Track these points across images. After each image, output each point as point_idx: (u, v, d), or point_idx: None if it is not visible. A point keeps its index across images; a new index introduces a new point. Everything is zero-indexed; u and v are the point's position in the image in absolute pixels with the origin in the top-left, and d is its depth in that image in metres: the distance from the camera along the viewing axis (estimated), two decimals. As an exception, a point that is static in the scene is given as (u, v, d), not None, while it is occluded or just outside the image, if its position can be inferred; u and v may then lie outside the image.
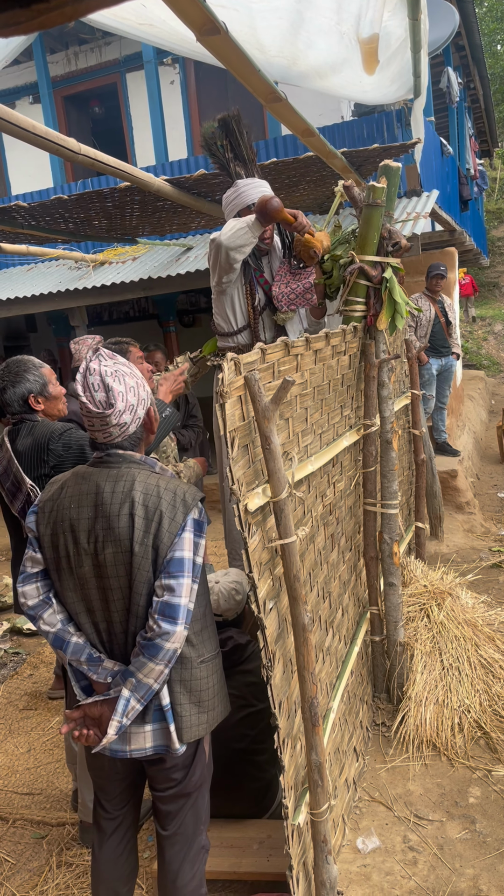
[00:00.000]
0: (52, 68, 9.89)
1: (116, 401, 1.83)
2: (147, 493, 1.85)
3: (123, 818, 2.19)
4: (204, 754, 2.09)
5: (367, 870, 2.56)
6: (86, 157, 3.28)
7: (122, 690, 1.85)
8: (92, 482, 1.89)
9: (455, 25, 6.92)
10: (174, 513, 1.85)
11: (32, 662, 4.68)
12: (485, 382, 13.13)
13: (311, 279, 3.41)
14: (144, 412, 1.94)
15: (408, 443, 5.00)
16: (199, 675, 1.97)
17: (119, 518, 1.83)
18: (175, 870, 2.09)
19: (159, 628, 1.80)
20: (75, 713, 1.92)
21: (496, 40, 24.03)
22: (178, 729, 1.92)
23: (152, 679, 1.84)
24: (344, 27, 4.03)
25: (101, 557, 1.85)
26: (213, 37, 2.18)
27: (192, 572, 1.86)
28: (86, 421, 1.90)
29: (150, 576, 1.84)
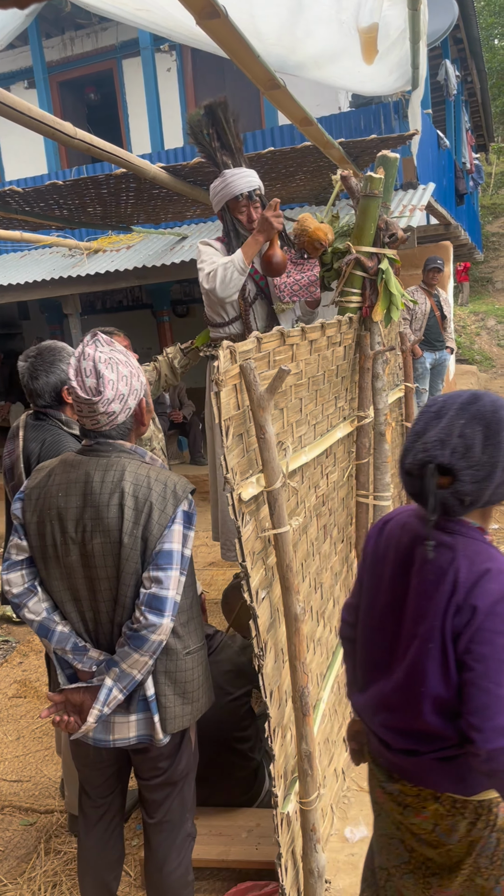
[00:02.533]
0: (47, 53, 9.80)
1: (106, 388, 1.81)
2: (137, 484, 1.84)
3: (109, 806, 2.19)
4: (190, 743, 2.09)
5: (354, 858, 2.57)
6: (81, 142, 3.25)
7: (105, 679, 1.85)
8: (81, 470, 1.87)
9: (454, 17, 6.91)
10: (164, 504, 1.84)
11: (22, 650, 4.67)
12: (477, 377, 13.16)
13: (316, 271, 3.36)
14: (136, 403, 1.92)
15: (401, 435, 5.00)
16: (184, 667, 1.97)
17: (108, 508, 1.82)
18: (161, 857, 2.09)
19: (146, 620, 1.79)
20: (57, 697, 1.91)
21: (494, 34, 23.99)
22: (163, 720, 1.92)
23: (136, 670, 1.84)
24: (343, 16, 4.00)
25: (90, 547, 1.84)
26: (212, 20, 2.16)
27: (180, 564, 1.85)
28: (75, 406, 1.88)
29: (139, 567, 1.83)
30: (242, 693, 2.82)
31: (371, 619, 1.68)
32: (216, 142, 3.23)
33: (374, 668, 1.67)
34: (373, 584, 1.69)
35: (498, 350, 16.51)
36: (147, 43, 8.54)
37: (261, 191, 3.30)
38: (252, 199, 3.27)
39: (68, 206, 5.41)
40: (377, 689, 1.64)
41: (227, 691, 2.79)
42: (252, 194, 3.25)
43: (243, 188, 3.23)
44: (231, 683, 2.80)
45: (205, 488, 7.19)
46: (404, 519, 1.66)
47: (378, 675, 1.64)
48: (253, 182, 3.25)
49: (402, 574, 1.59)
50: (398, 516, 1.70)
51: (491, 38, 23.65)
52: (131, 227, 7.09)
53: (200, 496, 7.09)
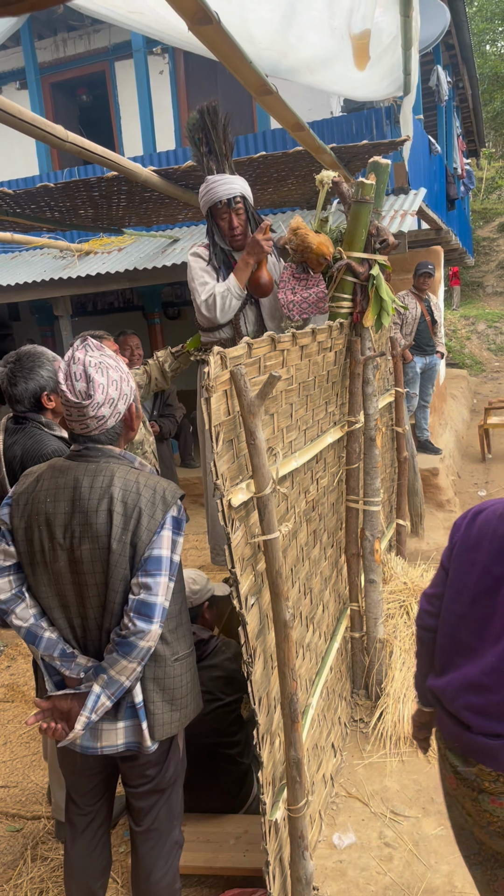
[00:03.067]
0: (39, 54, 9.77)
1: (96, 392, 1.80)
2: (126, 490, 1.83)
3: (96, 814, 2.17)
4: (178, 750, 2.08)
5: (342, 865, 2.57)
6: (73, 145, 3.24)
7: (92, 686, 1.83)
8: (70, 476, 1.86)
9: (446, 24, 6.93)
10: (153, 510, 1.83)
11: (10, 654, 4.65)
12: (467, 381, 13.21)
13: (322, 287, 3.30)
14: (126, 408, 1.91)
15: (391, 440, 5.02)
16: (172, 673, 1.96)
17: (97, 514, 1.81)
18: (149, 865, 2.08)
19: (134, 626, 1.78)
20: (44, 703, 1.90)
21: (485, 40, 24.13)
22: (151, 727, 1.91)
23: (124, 676, 1.83)
24: (336, 22, 4.01)
25: (78, 553, 1.83)
26: (204, 26, 2.16)
27: (169, 571, 1.84)
28: (64, 409, 1.87)
29: (127, 573, 1.83)
30: (233, 700, 2.81)
31: (458, 605, 1.72)
32: (204, 146, 3.22)
33: (459, 653, 1.72)
34: (462, 571, 1.73)
35: (488, 354, 16.58)
36: (139, 45, 8.53)
37: (243, 198, 3.26)
38: (231, 206, 3.25)
39: (59, 208, 5.39)
40: (462, 673, 1.69)
41: (218, 697, 2.78)
42: (231, 201, 3.23)
43: (222, 195, 3.21)
44: (222, 690, 2.80)
45: (195, 491, 7.18)
46: (502, 509, 1.71)
47: (463, 660, 1.70)
48: (233, 189, 3.21)
49: (499, 562, 1.64)
50: (494, 506, 1.74)
51: (483, 43, 23.79)
52: (123, 229, 7.07)
53: (190, 499, 7.08)
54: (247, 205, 3.28)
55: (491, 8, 23.74)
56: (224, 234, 3.31)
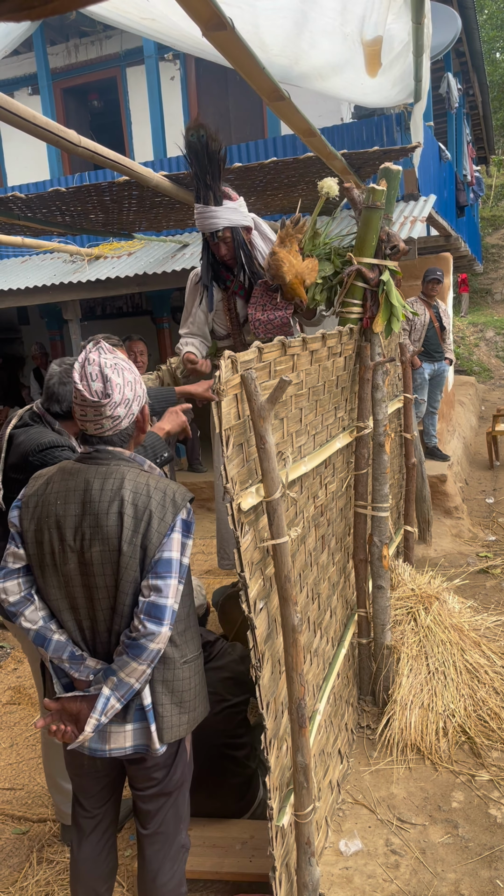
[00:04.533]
0: (51, 60, 9.84)
1: (113, 392, 1.81)
2: (137, 492, 1.83)
3: (103, 817, 2.17)
4: (185, 753, 2.08)
5: (349, 872, 2.56)
6: (85, 150, 3.26)
7: (102, 688, 1.83)
8: (80, 478, 1.87)
9: (457, 31, 6.95)
10: (164, 513, 1.83)
11: (17, 656, 4.65)
12: (475, 388, 13.18)
13: (289, 312, 3.27)
14: (139, 409, 1.92)
15: (399, 446, 5.01)
16: (181, 676, 1.96)
17: (108, 516, 1.81)
18: (155, 869, 2.08)
19: (144, 628, 1.78)
20: (53, 704, 1.90)
21: (495, 48, 24.14)
22: (160, 729, 1.91)
23: (134, 679, 1.82)
24: (348, 28, 4.02)
25: (88, 555, 1.83)
26: (219, 32, 2.17)
27: (179, 573, 1.84)
28: (78, 411, 1.87)
29: (137, 575, 1.83)
30: (240, 701, 2.81)
31: None
32: (195, 166, 3.15)
33: None
34: None
35: (496, 361, 16.54)
36: (151, 51, 8.57)
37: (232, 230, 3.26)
38: (215, 240, 3.29)
39: (70, 213, 5.42)
40: None
41: (225, 698, 2.78)
42: (214, 235, 3.27)
43: (205, 229, 3.27)
44: (229, 691, 2.79)
45: (200, 496, 7.18)
46: None
47: None
48: (216, 224, 3.22)
49: None
50: None
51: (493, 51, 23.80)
52: (133, 234, 7.10)
53: (198, 503, 7.08)
54: (234, 234, 3.29)
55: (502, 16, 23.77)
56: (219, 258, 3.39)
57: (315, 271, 3.27)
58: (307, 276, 3.22)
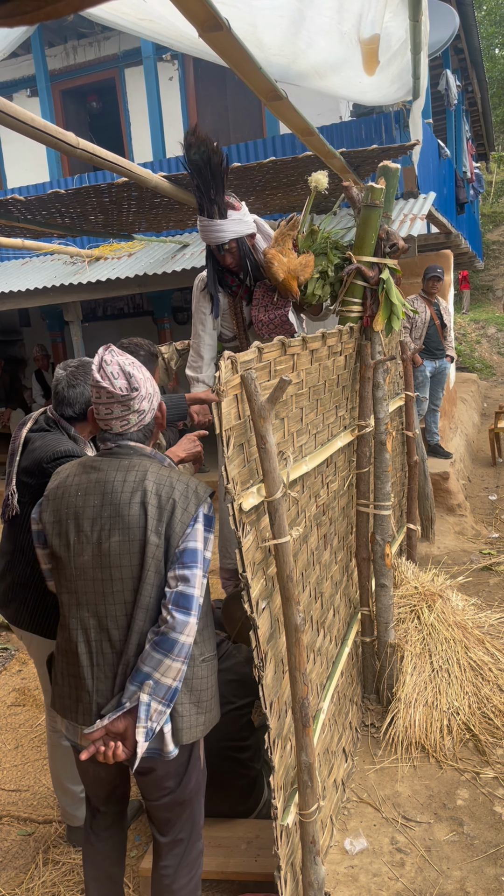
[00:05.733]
0: (50, 62, 9.85)
1: (140, 386, 1.86)
2: (160, 483, 1.84)
3: (111, 816, 2.19)
4: (199, 761, 2.04)
5: (354, 871, 2.56)
6: (84, 152, 3.26)
7: (139, 696, 1.77)
8: (101, 471, 1.88)
9: (455, 28, 6.93)
10: (187, 503, 1.84)
11: (21, 658, 4.66)
12: (477, 385, 13.16)
13: (287, 311, 3.31)
14: (157, 405, 1.98)
15: (401, 444, 5.01)
16: (200, 674, 1.93)
17: (130, 506, 1.82)
18: (172, 874, 2.07)
19: (173, 619, 1.76)
20: (96, 734, 1.81)
21: (494, 44, 24.10)
22: (177, 730, 1.86)
23: (171, 678, 1.78)
24: (345, 27, 4.02)
25: (106, 546, 1.83)
26: (215, 33, 2.17)
27: (203, 565, 1.84)
28: (103, 410, 1.88)
29: (163, 567, 1.82)
30: (245, 703, 2.80)
31: None
32: (197, 178, 3.16)
33: None
34: None
35: (498, 358, 16.52)
36: (149, 52, 8.57)
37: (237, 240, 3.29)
38: (221, 252, 3.32)
39: (70, 215, 5.43)
40: None
41: (230, 701, 2.78)
42: (220, 248, 3.30)
43: (211, 242, 3.30)
44: (234, 693, 2.79)
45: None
46: None
47: None
48: (222, 238, 3.25)
49: None
50: None
51: (492, 47, 23.76)
52: (133, 234, 7.11)
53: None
54: (240, 243, 3.31)
55: (500, 12, 23.73)
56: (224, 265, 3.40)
57: (309, 267, 3.28)
58: (301, 273, 3.24)
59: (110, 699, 1.85)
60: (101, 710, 1.85)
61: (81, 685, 1.89)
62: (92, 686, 1.87)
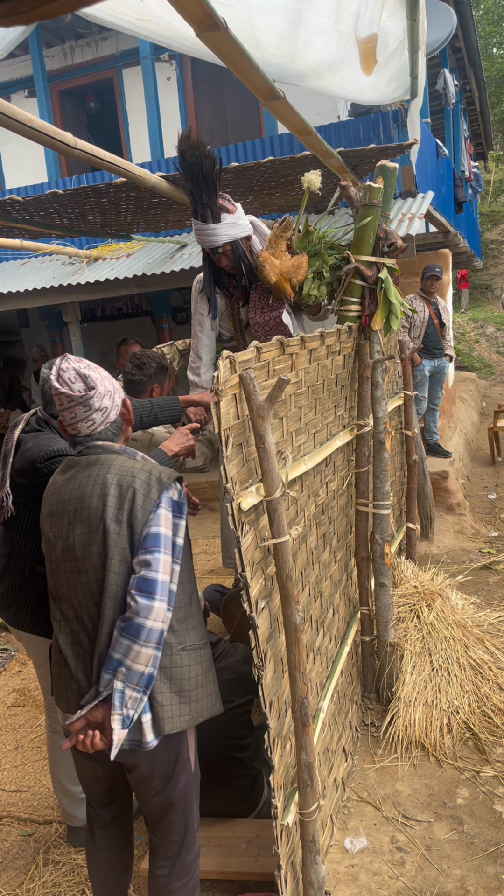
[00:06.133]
0: (47, 62, 9.84)
1: (96, 384, 1.91)
2: (122, 475, 1.89)
3: (112, 815, 2.19)
4: (188, 763, 2.02)
5: (354, 870, 2.56)
6: (82, 152, 3.26)
7: (114, 684, 1.79)
8: (73, 470, 1.96)
9: (453, 27, 6.94)
10: (148, 490, 1.86)
11: (21, 659, 4.66)
12: (476, 384, 13.16)
13: (282, 311, 3.34)
14: (121, 401, 2.01)
15: (400, 444, 5.01)
16: (179, 663, 1.93)
17: (90, 499, 1.87)
18: (166, 875, 2.07)
19: (136, 604, 1.77)
20: (77, 724, 1.84)
21: (492, 43, 24.09)
22: (157, 719, 1.85)
23: (142, 664, 1.78)
24: (342, 27, 4.02)
25: (71, 539, 1.89)
26: (212, 33, 2.17)
27: (170, 549, 1.84)
28: (66, 416, 1.94)
29: (128, 554, 1.85)
30: (244, 702, 2.81)
31: None
32: (190, 182, 3.16)
33: None
34: None
35: (497, 357, 16.52)
36: (147, 52, 8.57)
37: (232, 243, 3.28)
38: (216, 255, 3.32)
39: (68, 215, 5.43)
40: None
41: (229, 700, 2.78)
42: (214, 251, 3.30)
43: (206, 245, 3.30)
44: (232, 692, 2.79)
45: (205, 496, 7.18)
46: None
47: None
48: (216, 241, 3.25)
49: None
50: None
51: (489, 46, 23.75)
52: (131, 235, 7.11)
53: (204, 503, 7.07)
54: (234, 247, 3.31)
55: (498, 11, 23.73)
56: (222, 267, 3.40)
57: (302, 268, 3.29)
58: (293, 275, 3.26)
59: (89, 689, 1.88)
60: (81, 702, 1.88)
61: (68, 675, 1.93)
62: (74, 677, 1.91)
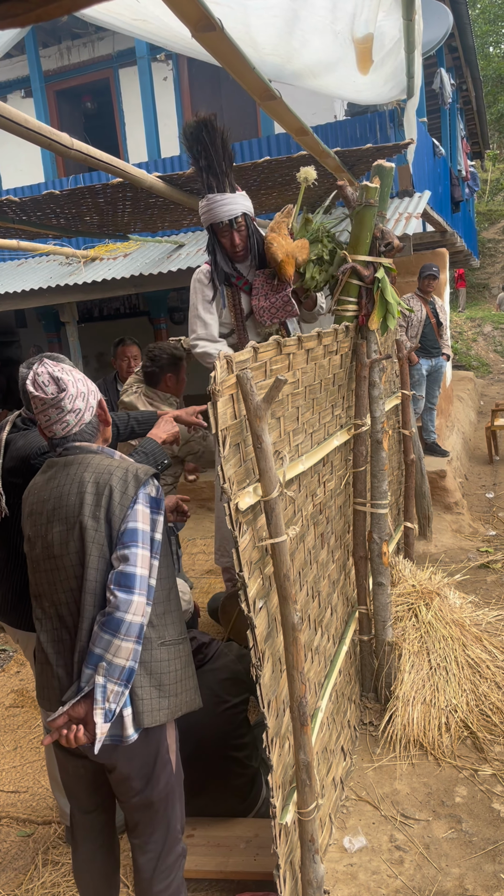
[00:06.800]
0: (44, 62, 9.83)
1: (68, 386, 1.93)
2: (99, 473, 1.91)
3: (95, 820, 2.16)
4: (168, 764, 2.02)
5: (353, 869, 2.56)
6: (78, 153, 3.25)
7: (95, 679, 1.80)
8: (53, 471, 1.98)
9: (449, 27, 6.94)
10: (125, 486, 1.88)
11: (19, 660, 4.66)
12: (474, 383, 13.18)
13: (289, 291, 3.40)
14: (96, 402, 2.02)
15: (397, 443, 5.01)
16: (159, 657, 1.95)
17: (68, 497, 1.89)
18: (148, 878, 2.06)
19: (115, 598, 1.79)
20: (59, 720, 1.85)
21: (488, 42, 24.14)
22: (137, 713, 1.88)
23: (123, 658, 1.79)
24: (339, 26, 4.02)
25: (49, 538, 1.91)
26: (208, 33, 2.17)
27: (147, 544, 1.86)
28: (41, 419, 1.96)
29: (106, 550, 1.86)
30: (240, 701, 2.82)
31: None
32: (203, 160, 3.21)
33: None
34: None
35: (494, 356, 16.55)
36: (143, 52, 8.56)
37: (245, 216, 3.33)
38: (233, 227, 3.33)
39: (65, 215, 5.42)
40: None
41: (224, 699, 2.78)
42: (233, 222, 3.30)
43: (223, 217, 3.29)
44: (228, 692, 2.80)
45: (201, 496, 7.18)
46: None
47: None
48: (234, 210, 3.27)
49: None
50: None
51: (486, 46, 23.80)
52: (128, 235, 7.10)
53: (197, 503, 7.09)
54: (248, 221, 3.34)
55: (494, 10, 23.76)
56: (226, 251, 3.37)
57: (306, 249, 3.40)
58: (298, 254, 3.34)
59: (70, 685, 1.89)
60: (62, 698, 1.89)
61: (50, 673, 1.94)
62: (55, 674, 1.93)
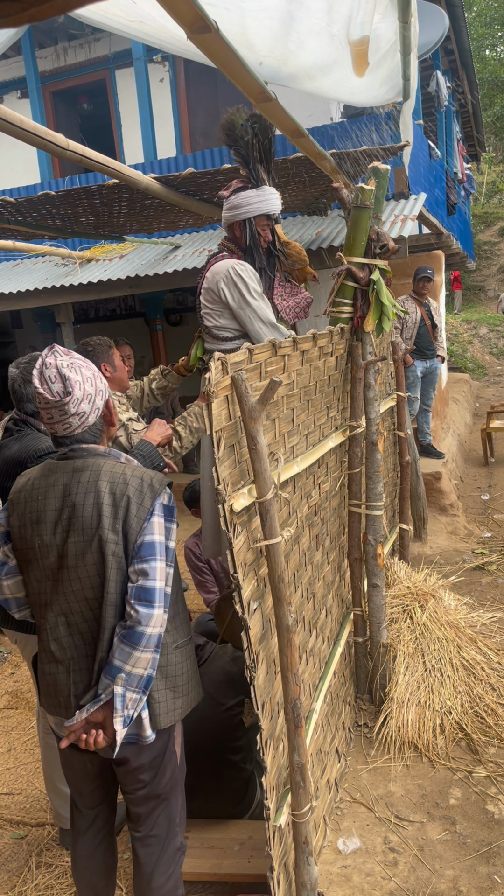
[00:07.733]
0: (40, 63, 9.82)
1: (74, 389, 1.86)
2: (114, 482, 1.87)
3: (97, 816, 2.20)
4: (174, 756, 2.07)
5: (347, 871, 2.56)
6: (74, 154, 3.25)
7: (113, 689, 1.83)
8: (59, 474, 1.93)
9: (445, 29, 6.96)
10: (142, 498, 1.87)
11: (14, 661, 4.65)
12: (469, 385, 13.20)
13: (307, 294, 3.51)
14: (103, 403, 1.97)
15: (393, 444, 5.02)
16: (174, 661, 1.99)
17: (84, 507, 1.85)
18: (149, 871, 2.08)
19: (136, 613, 1.80)
20: (76, 725, 1.87)
21: (484, 45, 24.19)
22: (154, 715, 1.93)
23: (142, 668, 1.82)
24: (334, 29, 4.02)
25: (64, 548, 1.87)
26: (203, 35, 2.17)
27: (164, 556, 1.87)
28: (44, 415, 1.92)
29: (124, 563, 1.86)
30: (234, 703, 2.81)
31: None
32: (256, 152, 3.26)
33: None
34: None
35: (490, 358, 16.58)
36: (140, 53, 8.56)
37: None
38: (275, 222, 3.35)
39: (61, 216, 5.41)
40: None
41: (219, 701, 2.78)
42: (278, 217, 3.35)
43: (277, 209, 3.30)
44: (223, 694, 2.79)
45: (198, 497, 7.17)
46: None
47: None
48: (278, 204, 3.31)
49: None
50: None
51: (482, 48, 23.85)
52: (124, 236, 7.10)
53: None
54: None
55: (490, 13, 23.82)
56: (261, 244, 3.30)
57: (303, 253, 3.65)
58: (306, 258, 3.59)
59: (88, 692, 1.90)
60: (79, 703, 1.90)
61: (60, 681, 1.94)
62: (69, 680, 1.93)
